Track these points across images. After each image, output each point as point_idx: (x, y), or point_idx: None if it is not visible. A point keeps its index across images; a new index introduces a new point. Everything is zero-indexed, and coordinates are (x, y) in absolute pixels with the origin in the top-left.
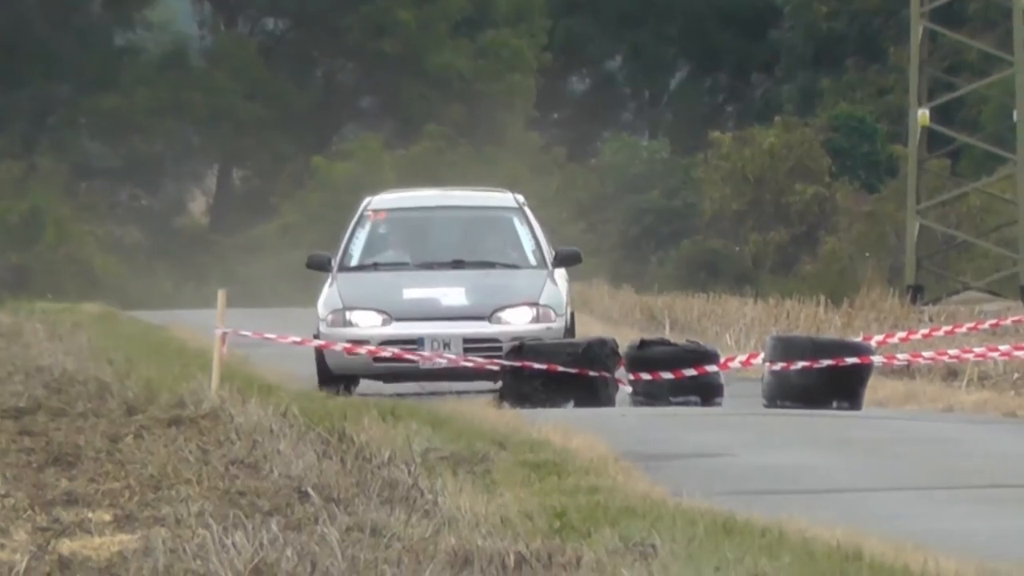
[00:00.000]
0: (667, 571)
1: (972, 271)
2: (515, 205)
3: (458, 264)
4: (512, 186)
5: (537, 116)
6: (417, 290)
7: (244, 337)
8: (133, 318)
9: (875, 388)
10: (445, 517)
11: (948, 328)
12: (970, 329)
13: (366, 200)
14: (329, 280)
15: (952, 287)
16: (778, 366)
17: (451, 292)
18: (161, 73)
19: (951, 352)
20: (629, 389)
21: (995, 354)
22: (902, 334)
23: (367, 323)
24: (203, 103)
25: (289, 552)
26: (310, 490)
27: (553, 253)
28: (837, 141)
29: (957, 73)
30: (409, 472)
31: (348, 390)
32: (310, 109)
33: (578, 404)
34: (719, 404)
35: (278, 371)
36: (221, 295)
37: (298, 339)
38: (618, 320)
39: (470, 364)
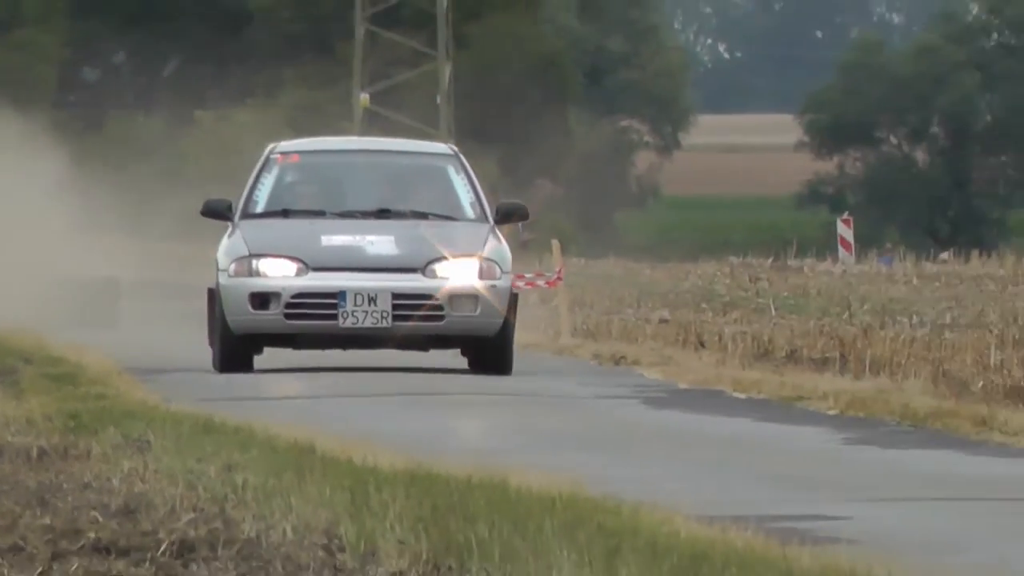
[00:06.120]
0: (159, 461)
1: None
2: (449, 153)
3: (384, 213)
4: None
5: None
6: (337, 237)
7: None
8: None
9: None
10: None
11: None
12: None
13: (271, 145)
14: (230, 229)
15: None
16: None
17: (378, 240)
18: None
19: None
20: None
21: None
22: None
23: (278, 272)
24: None
25: None
26: None
27: (495, 207)
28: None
29: (394, 65)
30: None
31: (248, 365)
32: None
33: None
34: None
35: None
36: None
37: None
38: None
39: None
